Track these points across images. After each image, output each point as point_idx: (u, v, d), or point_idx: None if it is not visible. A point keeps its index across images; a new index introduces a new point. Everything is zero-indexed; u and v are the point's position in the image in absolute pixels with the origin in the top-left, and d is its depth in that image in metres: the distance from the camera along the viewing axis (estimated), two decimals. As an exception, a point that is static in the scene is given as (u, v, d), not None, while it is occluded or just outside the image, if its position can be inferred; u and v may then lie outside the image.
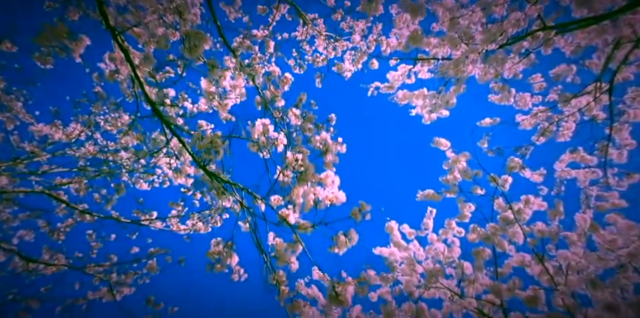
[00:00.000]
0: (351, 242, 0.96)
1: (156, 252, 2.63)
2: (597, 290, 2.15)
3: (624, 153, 2.50)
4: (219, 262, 1.18)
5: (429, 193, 2.47)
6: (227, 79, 1.23)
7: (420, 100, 3.11)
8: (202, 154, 1.00)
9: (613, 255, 2.02)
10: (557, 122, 2.30)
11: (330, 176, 0.83)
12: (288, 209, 1.03)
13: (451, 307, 2.59)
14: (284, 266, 1.13)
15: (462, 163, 2.40)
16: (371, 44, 2.89)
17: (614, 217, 2.07)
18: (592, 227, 2.19)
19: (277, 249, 1.10)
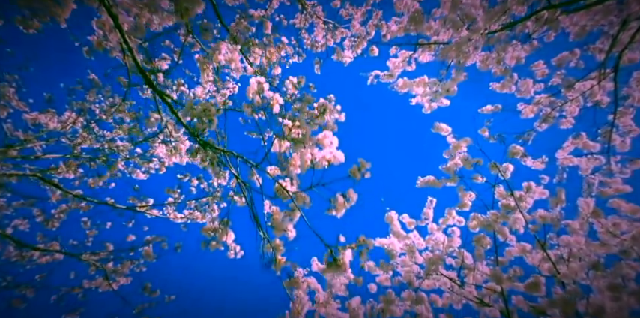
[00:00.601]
0: (349, 203, 0.93)
1: (152, 240, 2.59)
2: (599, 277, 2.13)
3: (627, 141, 2.47)
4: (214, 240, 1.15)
5: (429, 180, 2.44)
6: (222, 52, 1.18)
7: (421, 88, 3.06)
8: (196, 124, 0.96)
9: (616, 240, 2.00)
10: (561, 107, 2.26)
11: (328, 137, 0.79)
12: (285, 181, 1.00)
13: (451, 297, 2.58)
14: (281, 236, 1.09)
15: (463, 149, 2.36)
16: (371, 30, 2.84)
17: (617, 202, 2.04)
18: (595, 213, 2.16)
19: (274, 218, 1.06)
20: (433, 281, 2.70)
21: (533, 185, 2.39)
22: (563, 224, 2.42)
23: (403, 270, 2.71)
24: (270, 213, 1.07)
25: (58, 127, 2.88)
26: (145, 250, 2.49)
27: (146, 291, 2.51)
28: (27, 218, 2.65)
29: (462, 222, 2.91)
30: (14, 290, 2.37)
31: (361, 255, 0.95)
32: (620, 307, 1.95)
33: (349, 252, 0.95)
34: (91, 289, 2.58)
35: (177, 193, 2.63)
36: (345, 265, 0.94)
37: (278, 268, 1.14)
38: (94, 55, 1.42)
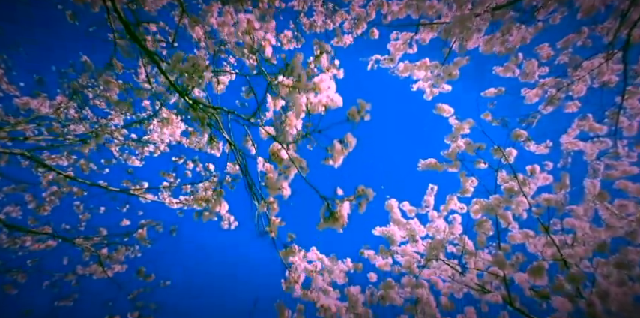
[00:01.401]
0: (347, 149, 0.86)
1: (147, 224, 2.53)
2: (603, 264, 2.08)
3: (635, 125, 2.40)
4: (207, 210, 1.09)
5: (430, 163, 2.38)
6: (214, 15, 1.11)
7: (422, 72, 2.99)
8: (184, 81, 0.90)
9: (622, 222, 1.94)
10: (567, 87, 2.19)
11: (324, 80, 0.72)
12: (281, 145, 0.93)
13: (452, 286, 2.53)
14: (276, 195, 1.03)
15: (466, 131, 2.30)
16: (371, 11, 2.75)
17: (624, 183, 1.98)
18: (600, 195, 2.11)
19: (268, 176, 1.00)
20: (434, 270, 2.66)
21: (538, 169, 2.33)
22: (568, 210, 2.37)
23: (403, 259, 2.66)
24: (264, 171, 1.01)
25: (50, 112, 2.80)
26: (138, 233, 2.43)
27: (140, 275, 2.46)
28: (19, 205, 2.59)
29: (463, 209, 2.85)
30: (5, 275, 2.32)
31: (360, 207, 0.90)
32: (624, 292, 1.90)
33: (347, 205, 0.89)
34: (84, 275, 2.53)
35: (172, 176, 2.56)
36: (343, 218, 0.89)
37: (273, 230, 1.09)
38: (78, 18, 1.34)
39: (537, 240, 2.40)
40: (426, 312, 2.21)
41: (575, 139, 2.47)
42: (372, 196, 0.89)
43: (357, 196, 0.89)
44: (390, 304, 2.50)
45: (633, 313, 1.84)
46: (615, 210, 2.03)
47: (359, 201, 0.90)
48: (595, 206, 2.22)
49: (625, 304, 1.85)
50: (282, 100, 0.89)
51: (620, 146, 2.37)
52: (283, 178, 0.98)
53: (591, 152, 2.57)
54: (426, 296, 1.94)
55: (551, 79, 2.31)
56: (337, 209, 0.89)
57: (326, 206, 0.92)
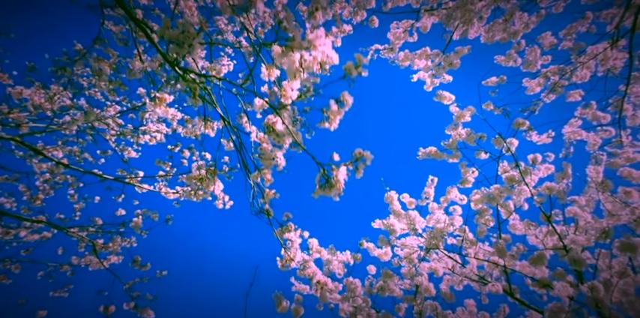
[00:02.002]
0: (344, 108, 0.82)
1: (142, 213, 2.49)
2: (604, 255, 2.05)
3: (639, 114, 2.36)
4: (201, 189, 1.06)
5: (431, 151, 2.34)
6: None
7: (423, 61, 2.94)
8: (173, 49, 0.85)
9: (625, 210, 1.91)
10: (571, 73, 2.14)
11: (320, 36, 0.68)
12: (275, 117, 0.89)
13: (452, 279, 2.51)
14: (270, 166, 0.99)
15: (467, 118, 2.26)
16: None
17: (627, 170, 1.95)
18: (603, 184, 2.07)
19: (262, 147, 0.96)
20: (434, 262, 2.63)
21: (540, 157, 2.30)
22: (570, 200, 2.34)
23: (403, 252, 2.64)
24: (258, 141, 0.96)
25: (44, 103, 2.75)
26: (134, 222, 2.39)
27: (136, 264, 2.43)
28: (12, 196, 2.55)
29: (463, 200, 2.82)
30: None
31: (357, 171, 0.85)
32: (626, 283, 1.87)
33: (343, 169, 0.85)
34: (80, 266, 2.49)
35: (168, 165, 2.52)
36: (339, 183, 0.85)
37: (267, 201, 1.05)
38: None
39: (538, 231, 2.38)
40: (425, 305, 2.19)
41: (578, 129, 2.43)
42: (370, 160, 0.85)
43: (353, 161, 0.85)
44: (390, 295, 2.48)
45: (635, 304, 1.82)
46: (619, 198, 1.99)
47: (356, 165, 0.85)
48: (598, 197, 2.19)
49: (627, 295, 1.82)
50: (277, 70, 0.85)
51: (624, 135, 2.34)
52: (277, 148, 0.95)
53: (594, 142, 2.53)
54: (425, 284, 1.91)
55: (554, 66, 2.26)
56: (333, 175, 0.84)
57: (322, 172, 0.88)
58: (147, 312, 2.31)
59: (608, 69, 2.05)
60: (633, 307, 1.82)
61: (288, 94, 0.83)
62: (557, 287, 1.53)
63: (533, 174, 2.42)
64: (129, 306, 2.33)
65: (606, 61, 2.02)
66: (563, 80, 2.24)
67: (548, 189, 2.05)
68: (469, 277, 2.44)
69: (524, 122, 2.20)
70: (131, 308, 2.33)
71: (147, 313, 2.31)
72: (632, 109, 2.27)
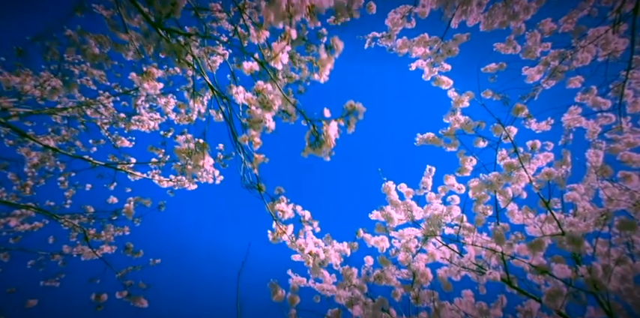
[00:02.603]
0: (334, 55, 0.78)
1: (135, 200, 2.44)
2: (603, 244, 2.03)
3: (639, 101, 2.33)
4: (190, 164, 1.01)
5: (428, 137, 2.30)
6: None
7: (421, 48, 2.89)
8: (157, 7, 0.80)
9: (625, 196, 1.88)
10: (571, 56, 2.10)
11: None
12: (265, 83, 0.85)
13: (449, 270, 2.49)
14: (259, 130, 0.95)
15: (465, 103, 2.22)
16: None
17: (628, 154, 1.92)
18: (603, 169, 2.05)
19: (250, 110, 0.91)
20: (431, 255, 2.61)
21: (539, 144, 2.27)
22: (569, 188, 2.31)
23: (400, 244, 2.61)
24: (246, 104, 0.92)
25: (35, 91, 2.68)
26: (125, 208, 2.34)
27: (128, 251, 2.39)
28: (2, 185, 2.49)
29: (461, 189, 2.80)
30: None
31: (348, 126, 0.81)
32: (624, 270, 1.85)
33: (334, 125, 0.81)
34: (71, 255, 2.44)
35: (161, 152, 2.46)
36: (330, 139, 0.80)
37: (255, 166, 1.01)
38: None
39: (537, 219, 2.35)
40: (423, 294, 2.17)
41: (577, 116, 2.40)
42: (362, 113, 0.81)
43: (344, 115, 0.81)
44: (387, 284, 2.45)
45: (634, 292, 1.80)
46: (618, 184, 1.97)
47: (347, 120, 0.81)
48: (597, 185, 2.16)
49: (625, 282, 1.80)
50: (266, 32, 0.81)
51: (624, 122, 2.31)
52: (267, 110, 0.90)
53: (593, 130, 2.50)
54: (422, 269, 1.88)
55: (555, 51, 2.22)
56: (324, 131, 0.80)
57: (312, 129, 0.83)
58: (140, 301, 2.28)
59: (609, 53, 2.01)
60: (631, 295, 1.80)
61: (278, 57, 0.78)
62: (555, 269, 1.50)
63: (532, 163, 2.39)
64: (121, 295, 2.29)
65: (607, 44, 1.98)
66: (563, 65, 2.21)
67: (547, 174, 2.02)
68: (467, 267, 2.42)
69: (523, 107, 2.17)
70: (124, 297, 2.29)
71: (140, 301, 2.28)
72: (633, 94, 2.24)
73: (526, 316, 2.35)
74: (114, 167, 2.19)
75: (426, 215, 2.60)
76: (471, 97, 2.20)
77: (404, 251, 2.38)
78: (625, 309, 1.93)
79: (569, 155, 2.32)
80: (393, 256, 2.66)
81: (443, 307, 2.32)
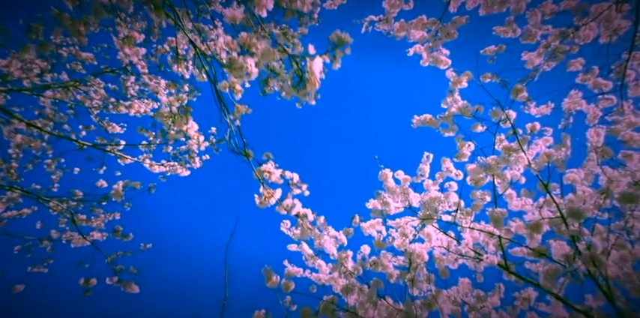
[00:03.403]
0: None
1: (125, 184, 2.37)
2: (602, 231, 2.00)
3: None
4: (172, 129, 0.96)
5: (425, 118, 2.25)
6: None
7: (419, 31, 2.83)
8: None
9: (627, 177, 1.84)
10: (573, 35, 2.05)
11: None
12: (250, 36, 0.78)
13: (447, 258, 2.45)
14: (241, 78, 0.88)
15: (464, 84, 2.17)
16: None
17: (629, 134, 1.88)
18: (603, 151, 2.00)
19: (231, 56, 0.84)
20: (428, 245, 2.57)
21: (538, 126, 2.22)
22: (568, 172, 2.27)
23: (397, 233, 2.57)
24: (227, 49, 0.85)
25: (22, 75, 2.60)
26: (114, 189, 2.28)
27: (117, 235, 2.33)
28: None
29: (459, 175, 2.76)
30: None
31: (335, 60, 0.75)
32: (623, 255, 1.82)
33: (319, 60, 0.74)
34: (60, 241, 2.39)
35: (152, 135, 2.39)
36: (315, 76, 0.74)
37: (237, 117, 0.96)
38: None
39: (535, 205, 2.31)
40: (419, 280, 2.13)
41: (578, 99, 2.35)
42: (350, 43, 0.75)
43: (330, 50, 0.75)
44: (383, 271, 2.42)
45: (632, 277, 1.76)
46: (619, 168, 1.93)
47: (333, 54, 0.75)
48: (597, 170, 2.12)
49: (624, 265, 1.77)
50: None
51: (625, 104, 2.26)
52: (249, 55, 0.83)
53: (594, 114, 2.45)
54: (418, 250, 1.84)
55: (556, 30, 2.17)
56: (307, 68, 0.74)
57: (295, 68, 0.77)
58: (131, 286, 2.23)
59: (612, 31, 1.96)
60: (630, 280, 1.77)
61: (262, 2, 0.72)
62: (553, 247, 1.46)
63: (531, 148, 2.35)
64: (112, 280, 2.24)
65: (610, 22, 1.92)
66: (565, 45, 2.15)
67: (547, 156, 1.98)
68: (464, 254, 2.39)
69: (522, 88, 2.12)
70: (114, 283, 2.24)
71: (131, 287, 2.23)
72: (635, 76, 2.19)
73: (523, 303, 2.32)
74: (103, 149, 2.12)
75: (424, 199, 2.56)
76: (469, 78, 2.15)
77: (400, 237, 2.34)
78: (624, 295, 1.90)
79: (569, 139, 2.28)
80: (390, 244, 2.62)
81: (440, 293, 2.29)
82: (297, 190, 1.18)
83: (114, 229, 2.35)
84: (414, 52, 3.01)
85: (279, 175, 1.13)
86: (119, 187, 2.27)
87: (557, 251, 1.46)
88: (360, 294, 2.21)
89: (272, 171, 1.10)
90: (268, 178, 1.10)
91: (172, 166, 2.44)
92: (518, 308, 2.36)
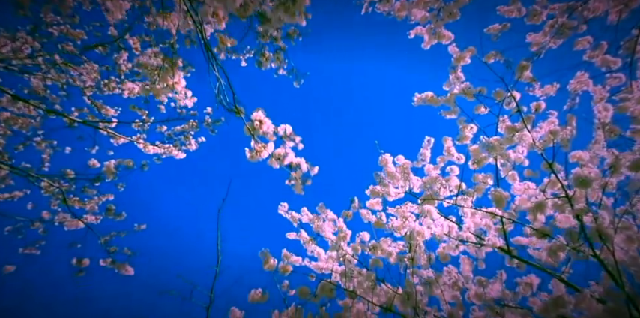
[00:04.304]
0: None
1: (118, 163, 2.31)
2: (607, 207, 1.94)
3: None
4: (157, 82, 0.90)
5: (427, 96, 2.18)
6: None
7: (421, 11, 2.74)
8: None
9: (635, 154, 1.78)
10: (581, 7, 1.97)
11: None
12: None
13: (447, 245, 2.41)
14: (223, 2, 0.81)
15: (467, 60, 2.10)
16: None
17: (639, 109, 1.81)
18: (611, 130, 1.94)
19: None
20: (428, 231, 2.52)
21: (543, 105, 2.15)
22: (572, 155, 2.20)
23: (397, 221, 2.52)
24: None
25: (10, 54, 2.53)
26: (106, 166, 2.21)
27: (110, 214, 2.28)
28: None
29: (461, 159, 2.70)
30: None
31: None
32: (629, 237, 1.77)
33: None
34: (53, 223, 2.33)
35: (145, 113, 2.32)
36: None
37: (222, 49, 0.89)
38: None
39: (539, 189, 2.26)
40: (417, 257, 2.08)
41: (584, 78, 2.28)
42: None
43: None
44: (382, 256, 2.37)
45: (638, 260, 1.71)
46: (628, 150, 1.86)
47: None
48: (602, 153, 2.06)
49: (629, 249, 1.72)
50: None
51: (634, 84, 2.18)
52: None
53: (600, 96, 2.38)
54: (418, 228, 1.79)
55: (563, 4, 2.08)
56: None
57: None
58: (125, 267, 2.18)
59: (624, 4, 1.88)
60: (635, 263, 1.71)
61: None
62: (558, 219, 1.40)
63: (535, 131, 2.29)
64: (106, 262, 2.19)
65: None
66: (572, 20, 2.07)
67: (552, 134, 1.91)
68: (466, 239, 2.34)
69: (527, 65, 2.05)
70: (108, 264, 2.19)
71: (125, 268, 2.18)
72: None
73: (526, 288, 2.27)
74: (94, 126, 2.05)
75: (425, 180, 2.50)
76: (473, 53, 2.07)
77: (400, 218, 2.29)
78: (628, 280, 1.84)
79: (575, 120, 2.21)
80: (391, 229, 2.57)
81: (440, 277, 2.25)
82: (290, 143, 1.12)
83: (106, 207, 2.30)
84: (416, 34, 2.93)
85: (272, 132, 1.06)
86: (110, 164, 2.20)
87: (563, 224, 1.40)
88: (358, 276, 2.17)
89: (263, 120, 1.04)
90: (259, 128, 1.04)
91: (167, 148, 2.38)
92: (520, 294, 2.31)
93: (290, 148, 1.13)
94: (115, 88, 2.37)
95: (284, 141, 1.12)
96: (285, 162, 1.12)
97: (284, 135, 1.10)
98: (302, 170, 1.15)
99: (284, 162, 1.12)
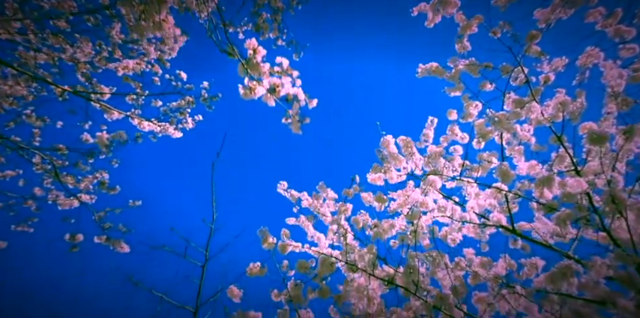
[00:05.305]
0: None
1: (112, 137, 2.23)
2: None
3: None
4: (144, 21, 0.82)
5: (431, 67, 2.10)
6: None
7: (425, -17, 2.64)
8: None
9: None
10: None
11: None
12: None
13: (451, 228, 2.36)
14: None
15: (474, 29, 2.01)
16: None
17: (655, 77, 1.73)
18: (623, 101, 1.86)
19: None
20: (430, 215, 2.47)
21: (552, 77, 2.07)
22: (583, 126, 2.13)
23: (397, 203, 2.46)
24: None
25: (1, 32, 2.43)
26: (98, 137, 2.14)
27: (103, 187, 2.22)
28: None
29: (465, 138, 2.64)
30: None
31: None
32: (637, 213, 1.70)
33: None
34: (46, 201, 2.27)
35: (139, 86, 2.23)
36: None
37: None
38: None
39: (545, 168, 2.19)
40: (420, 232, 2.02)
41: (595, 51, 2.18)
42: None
43: None
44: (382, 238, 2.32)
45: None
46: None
47: None
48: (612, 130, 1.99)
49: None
50: None
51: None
52: None
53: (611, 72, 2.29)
54: (422, 199, 1.73)
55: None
56: None
57: None
58: (120, 244, 2.13)
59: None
60: None
61: None
62: (569, 184, 1.33)
63: (543, 110, 2.21)
64: (100, 239, 2.14)
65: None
66: (584, -12, 1.97)
67: (562, 104, 1.83)
68: (469, 221, 2.29)
69: (537, 34, 1.96)
70: (102, 241, 2.14)
71: (120, 245, 2.13)
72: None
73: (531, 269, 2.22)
74: (86, 97, 1.96)
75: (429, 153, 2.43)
76: (480, 21, 1.98)
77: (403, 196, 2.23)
78: None
79: (584, 95, 2.13)
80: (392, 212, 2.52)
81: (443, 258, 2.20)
82: (287, 78, 1.04)
83: (99, 181, 2.24)
84: (419, 11, 2.82)
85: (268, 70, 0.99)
86: (103, 135, 2.13)
87: (574, 188, 1.34)
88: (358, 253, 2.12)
89: (257, 49, 0.95)
90: (253, 58, 0.96)
91: (163, 125, 2.31)
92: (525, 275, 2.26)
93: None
94: (108, 64, 2.27)
95: (280, 77, 1.04)
96: (282, 93, 1.04)
97: (281, 70, 1.02)
98: (299, 104, 1.07)
99: (279, 94, 1.04)
